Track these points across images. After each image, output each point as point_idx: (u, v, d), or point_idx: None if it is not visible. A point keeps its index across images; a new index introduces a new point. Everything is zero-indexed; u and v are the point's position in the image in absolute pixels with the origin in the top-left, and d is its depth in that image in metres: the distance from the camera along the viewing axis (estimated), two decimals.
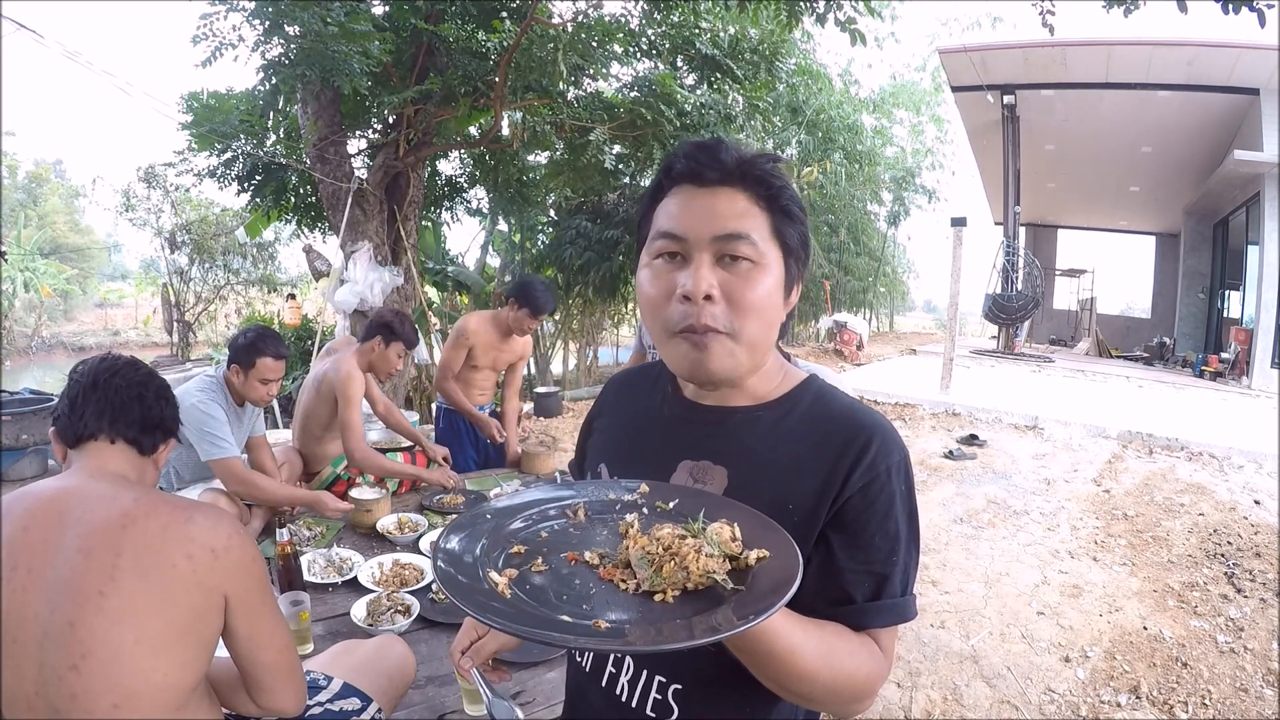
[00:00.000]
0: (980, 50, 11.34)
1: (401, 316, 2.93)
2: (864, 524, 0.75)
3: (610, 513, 0.75)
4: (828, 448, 0.77)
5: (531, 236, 9.56)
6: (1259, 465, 5.63)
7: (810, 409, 0.82)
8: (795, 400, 0.83)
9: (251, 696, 1.08)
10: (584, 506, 0.75)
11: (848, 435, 0.77)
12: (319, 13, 3.49)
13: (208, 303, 11.24)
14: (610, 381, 1.03)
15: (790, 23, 4.34)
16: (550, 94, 4.73)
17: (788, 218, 0.78)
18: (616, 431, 0.95)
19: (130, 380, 1.15)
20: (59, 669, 0.90)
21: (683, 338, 0.75)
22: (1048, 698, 2.57)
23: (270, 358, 2.44)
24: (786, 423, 0.81)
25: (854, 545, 0.75)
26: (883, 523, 0.75)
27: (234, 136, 4.84)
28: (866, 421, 0.79)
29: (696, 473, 0.82)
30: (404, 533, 2.38)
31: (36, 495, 1.00)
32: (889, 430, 0.79)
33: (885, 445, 0.77)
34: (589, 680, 0.90)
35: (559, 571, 0.65)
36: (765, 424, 0.82)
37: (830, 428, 0.79)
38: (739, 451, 0.81)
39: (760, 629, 0.60)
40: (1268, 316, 9.92)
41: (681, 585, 0.60)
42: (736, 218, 0.75)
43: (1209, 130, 11.33)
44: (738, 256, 0.74)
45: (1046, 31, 3.65)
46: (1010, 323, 12.99)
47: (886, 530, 0.76)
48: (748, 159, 0.77)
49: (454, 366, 3.29)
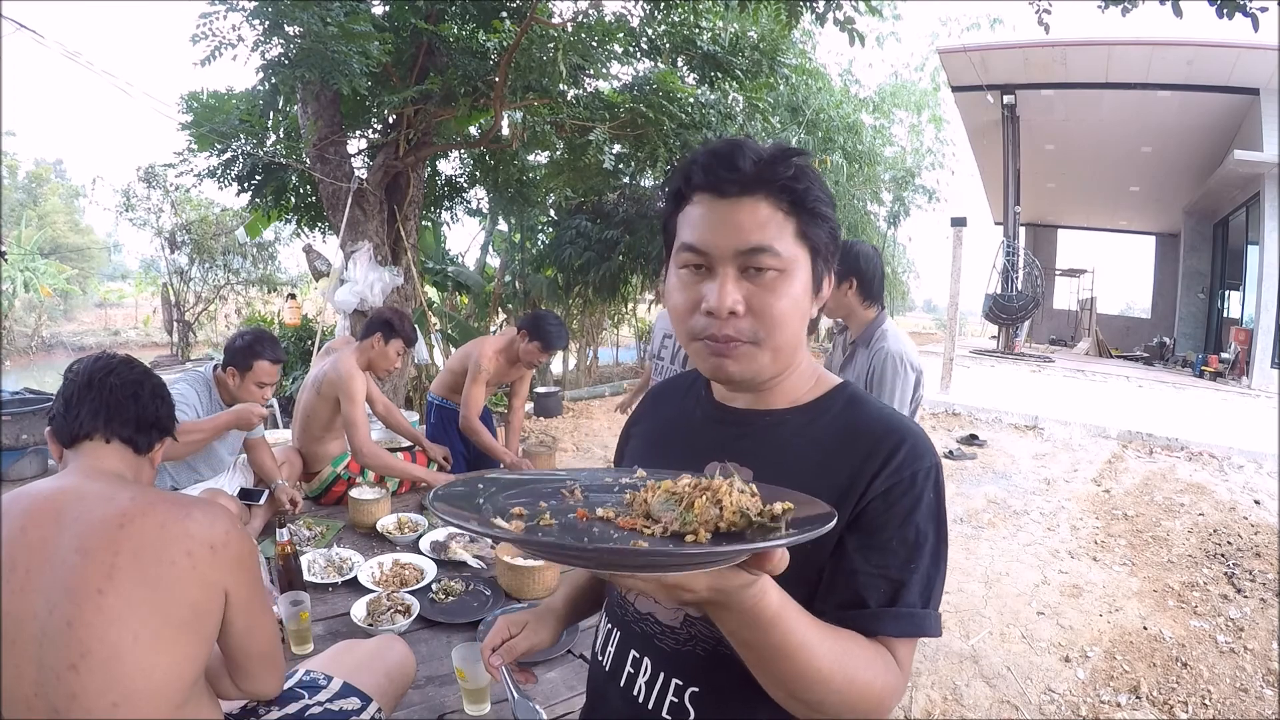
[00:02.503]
0: (980, 50, 11.35)
1: (401, 314, 2.94)
2: (882, 526, 0.73)
3: (609, 493, 0.71)
4: (855, 451, 0.76)
5: (531, 236, 9.55)
6: (1259, 465, 5.63)
7: (841, 413, 0.81)
8: (827, 405, 0.82)
9: (235, 681, 1.11)
10: (580, 487, 0.72)
11: (876, 438, 0.76)
12: (319, 13, 3.49)
13: (208, 303, 11.24)
14: (649, 390, 1.07)
15: (790, 21, 4.34)
16: (550, 94, 4.73)
17: (814, 217, 0.76)
18: (651, 435, 0.97)
19: (125, 379, 1.15)
20: (58, 668, 0.90)
21: (704, 344, 0.77)
22: (1048, 698, 2.57)
23: (267, 361, 2.43)
24: (816, 426, 0.80)
25: (870, 547, 0.73)
26: (902, 527, 0.73)
27: (234, 136, 4.83)
28: (897, 426, 0.78)
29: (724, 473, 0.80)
30: (404, 533, 2.38)
31: (34, 495, 1.00)
32: (921, 436, 0.77)
33: (915, 450, 0.75)
34: (608, 680, 0.91)
35: (573, 525, 0.62)
36: (794, 427, 0.81)
37: (860, 431, 0.78)
38: (765, 453, 0.81)
39: (773, 618, 0.59)
40: (1268, 316, 9.93)
41: (714, 525, 0.56)
42: (759, 229, 0.73)
43: (1209, 130, 11.33)
44: (762, 268, 0.74)
45: (1044, 31, 3.65)
46: (1010, 323, 13.00)
47: (906, 535, 0.73)
48: (768, 164, 0.74)
49: (482, 401, 3.21)
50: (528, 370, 3.43)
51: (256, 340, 2.45)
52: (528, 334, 3.14)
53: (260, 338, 2.47)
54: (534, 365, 3.36)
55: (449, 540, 2.29)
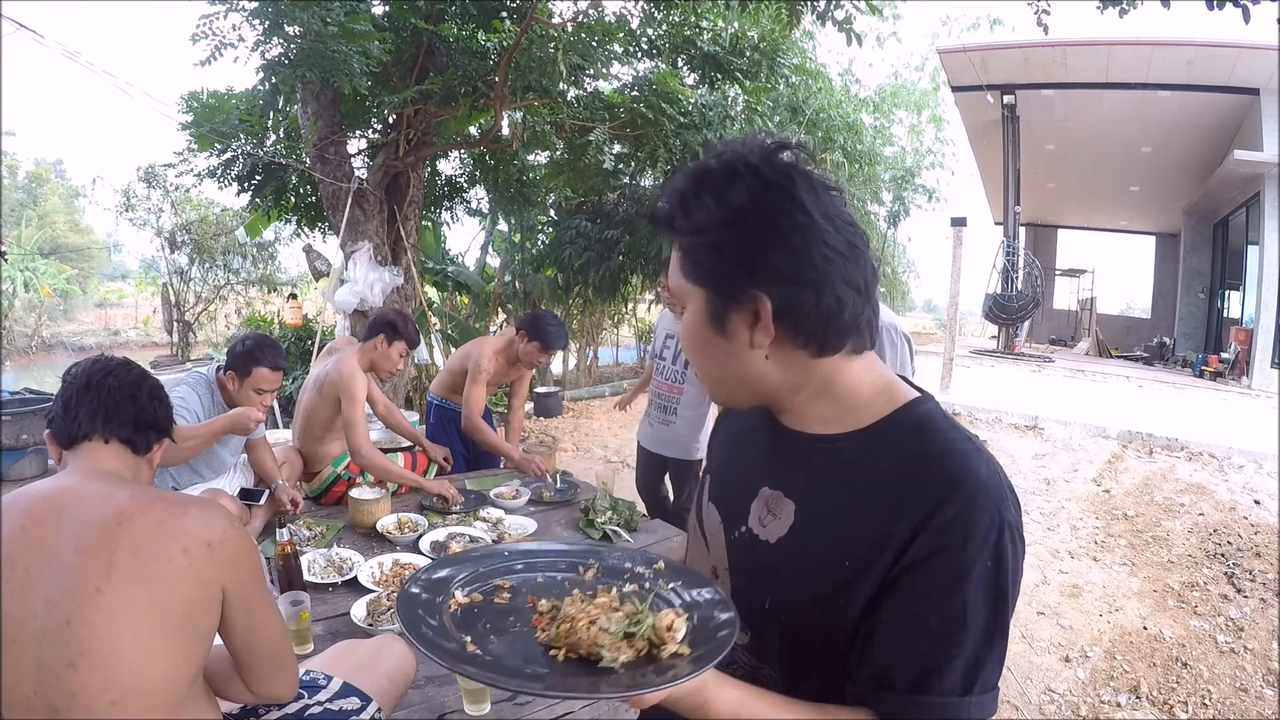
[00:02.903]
0: (980, 50, 11.36)
1: (404, 316, 2.93)
2: (922, 596, 0.64)
3: (616, 578, 0.76)
4: (900, 496, 0.66)
5: (531, 236, 9.55)
6: (1259, 465, 5.63)
7: (902, 443, 0.70)
8: (887, 431, 0.71)
9: (246, 684, 1.10)
10: (597, 567, 0.78)
11: (927, 483, 0.65)
12: (319, 13, 3.49)
13: (208, 303, 11.24)
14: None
15: (791, 22, 4.34)
16: (550, 94, 4.73)
17: (690, 255, 0.71)
18: (726, 449, 0.92)
19: (123, 380, 1.16)
20: (57, 667, 0.90)
21: None
22: (1048, 698, 2.57)
23: (267, 368, 2.42)
24: (870, 459, 0.70)
25: (904, 620, 0.65)
26: (946, 599, 0.63)
27: (234, 136, 4.83)
28: (957, 469, 0.65)
29: (771, 503, 0.76)
30: (404, 533, 2.38)
31: (33, 495, 1.01)
32: (986, 486, 0.64)
33: (971, 507, 0.63)
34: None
35: (512, 604, 0.73)
36: (846, 457, 0.72)
37: (915, 471, 0.67)
38: (811, 488, 0.74)
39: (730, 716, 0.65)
40: (1268, 316, 9.93)
41: (575, 649, 0.64)
42: (674, 271, 0.74)
43: (1209, 130, 11.33)
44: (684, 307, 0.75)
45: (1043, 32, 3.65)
46: (1010, 323, 13.00)
47: (950, 611, 0.63)
48: (672, 203, 0.71)
49: (484, 401, 3.21)
50: (527, 370, 3.43)
51: (258, 346, 2.44)
52: (527, 334, 3.14)
53: (261, 344, 2.46)
54: (534, 365, 3.35)
55: (449, 540, 2.29)
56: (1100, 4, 3.28)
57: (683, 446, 3.00)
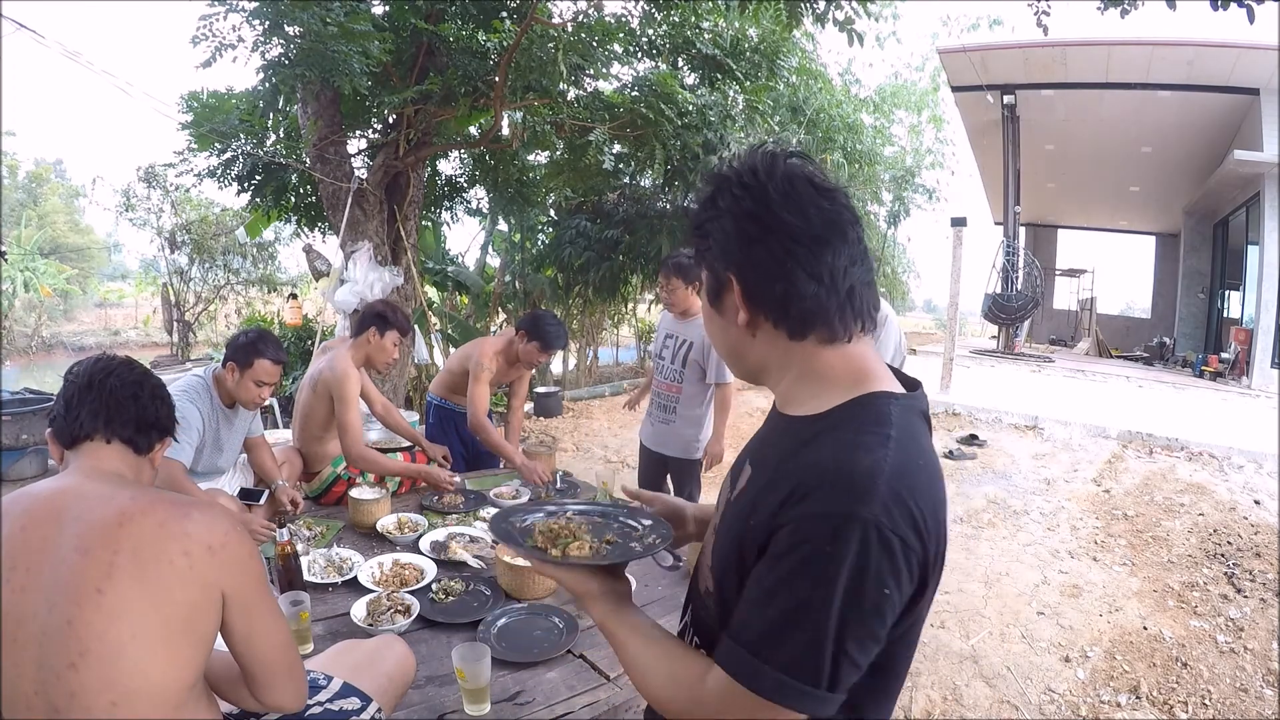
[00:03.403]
0: (980, 50, 11.35)
1: (392, 305, 2.92)
2: (777, 572, 0.70)
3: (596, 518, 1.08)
4: (793, 477, 0.73)
5: (531, 236, 9.56)
6: (1259, 465, 5.63)
7: (834, 429, 0.76)
8: (833, 416, 0.78)
9: (252, 692, 1.08)
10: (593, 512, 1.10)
11: (811, 470, 0.72)
12: (319, 13, 3.49)
13: (208, 303, 11.22)
14: None
15: (790, 22, 4.34)
16: (550, 94, 4.73)
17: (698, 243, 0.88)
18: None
19: (125, 380, 1.15)
20: (57, 667, 0.90)
21: None
22: (1048, 698, 2.57)
23: (268, 360, 2.42)
24: (809, 440, 0.77)
25: (760, 584, 0.72)
26: (776, 568, 0.70)
27: (234, 136, 4.83)
28: (830, 466, 0.71)
29: (736, 471, 0.89)
30: (404, 533, 2.38)
31: (34, 495, 1.00)
32: (854, 486, 0.68)
33: (834, 497, 0.68)
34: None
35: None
36: (795, 435, 0.80)
37: (815, 457, 0.73)
38: (764, 459, 0.84)
39: (600, 623, 0.88)
40: (1268, 316, 9.93)
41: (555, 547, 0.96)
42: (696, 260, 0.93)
43: (1209, 130, 11.33)
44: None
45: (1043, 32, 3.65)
46: (1010, 323, 13.00)
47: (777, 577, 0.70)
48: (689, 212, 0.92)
49: (487, 400, 3.19)
50: (527, 370, 3.43)
51: (260, 339, 2.44)
52: (526, 334, 3.14)
53: (264, 337, 2.46)
54: (533, 365, 3.35)
55: (449, 540, 2.29)
56: (1101, 4, 3.28)
57: (683, 445, 3.01)
